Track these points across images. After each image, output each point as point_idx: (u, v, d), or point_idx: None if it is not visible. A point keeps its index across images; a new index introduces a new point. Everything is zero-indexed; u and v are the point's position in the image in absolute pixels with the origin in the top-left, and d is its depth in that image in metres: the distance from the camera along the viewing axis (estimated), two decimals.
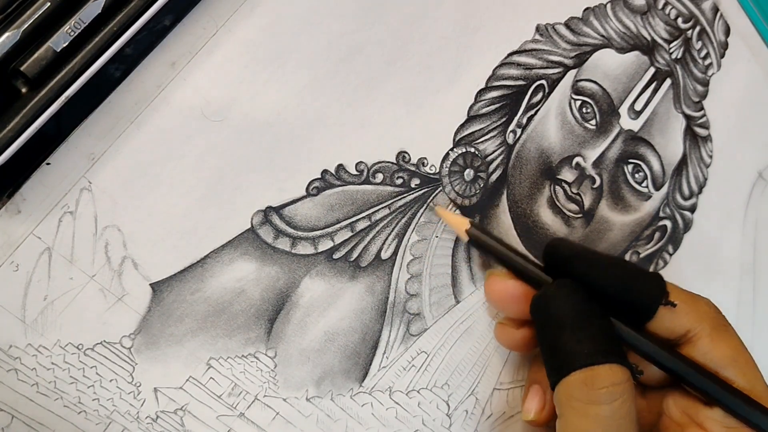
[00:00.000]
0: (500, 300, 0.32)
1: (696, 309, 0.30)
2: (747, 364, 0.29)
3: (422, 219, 0.34)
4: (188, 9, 0.29)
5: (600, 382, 0.27)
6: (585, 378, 0.27)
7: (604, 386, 0.27)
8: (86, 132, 0.28)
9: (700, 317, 0.29)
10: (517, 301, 0.31)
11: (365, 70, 0.33)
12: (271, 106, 0.31)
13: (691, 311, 0.29)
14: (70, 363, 0.28)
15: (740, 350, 0.30)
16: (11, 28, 0.25)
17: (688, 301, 0.30)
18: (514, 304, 0.31)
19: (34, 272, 0.27)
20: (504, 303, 0.32)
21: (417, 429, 0.34)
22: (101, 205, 0.28)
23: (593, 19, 0.39)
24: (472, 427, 0.36)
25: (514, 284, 0.31)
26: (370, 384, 0.33)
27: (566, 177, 0.38)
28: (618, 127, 0.39)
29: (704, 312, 0.30)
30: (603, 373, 0.27)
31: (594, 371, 0.27)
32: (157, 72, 0.29)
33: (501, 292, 0.32)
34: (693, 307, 0.30)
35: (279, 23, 0.31)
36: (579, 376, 0.27)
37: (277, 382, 0.31)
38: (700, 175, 0.43)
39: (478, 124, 0.36)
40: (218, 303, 0.30)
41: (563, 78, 0.38)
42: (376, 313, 0.33)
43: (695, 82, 0.42)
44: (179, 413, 0.30)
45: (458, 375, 0.35)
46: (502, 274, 0.32)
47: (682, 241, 0.42)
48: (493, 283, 0.32)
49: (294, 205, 0.32)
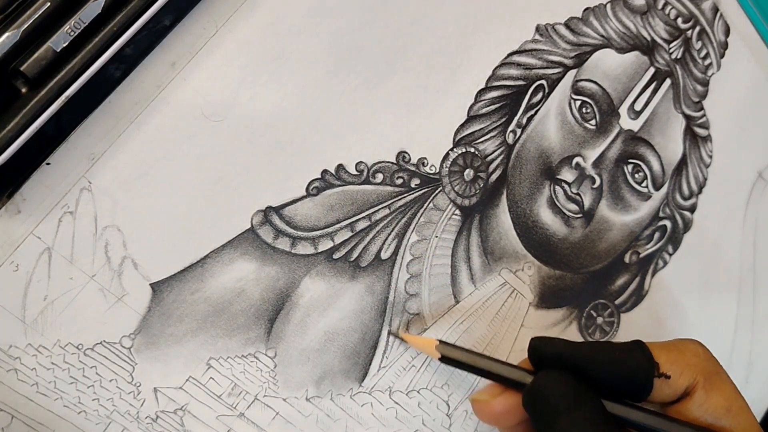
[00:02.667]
0: (492, 420, 0.32)
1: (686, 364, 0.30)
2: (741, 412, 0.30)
3: (422, 219, 0.34)
4: (188, 9, 0.29)
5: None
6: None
7: None
8: (86, 132, 0.28)
9: (693, 371, 0.30)
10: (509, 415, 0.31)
11: (365, 70, 0.33)
12: (271, 106, 0.31)
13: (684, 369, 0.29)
14: (70, 363, 0.28)
15: (733, 398, 0.30)
16: (11, 28, 0.25)
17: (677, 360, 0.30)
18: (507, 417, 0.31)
19: (34, 272, 0.27)
20: (497, 420, 0.32)
21: (417, 429, 0.34)
22: (101, 205, 0.28)
23: (593, 19, 0.39)
24: (472, 427, 0.36)
25: (498, 401, 0.31)
26: (370, 384, 0.33)
27: (566, 177, 0.38)
28: (618, 127, 0.39)
29: (694, 364, 0.30)
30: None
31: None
32: (157, 72, 0.29)
33: (490, 414, 0.31)
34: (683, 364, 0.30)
35: (279, 23, 0.31)
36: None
37: (277, 382, 0.31)
38: (700, 175, 0.43)
39: (478, 124, 0.36)
40: (218, 303, 0.30)
41: (563, 78, 0.38)
42: (375, 313, 0.33)
43: (695, 82, 0.42)
44: (179, 413, 0.30)
45: (458, 375, 0.35)
46: (484, 395, 0.32)
47: (682, 241, 0.42)
48: (480, 409, 0.32)
49: (294, 205, 0.32)
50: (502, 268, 0.37)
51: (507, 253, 0.37)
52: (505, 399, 0.31)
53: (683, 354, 0.30)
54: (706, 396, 0.29)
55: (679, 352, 0.30)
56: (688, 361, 0.30)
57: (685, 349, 0.30)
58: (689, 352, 0.30)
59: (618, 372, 0.29)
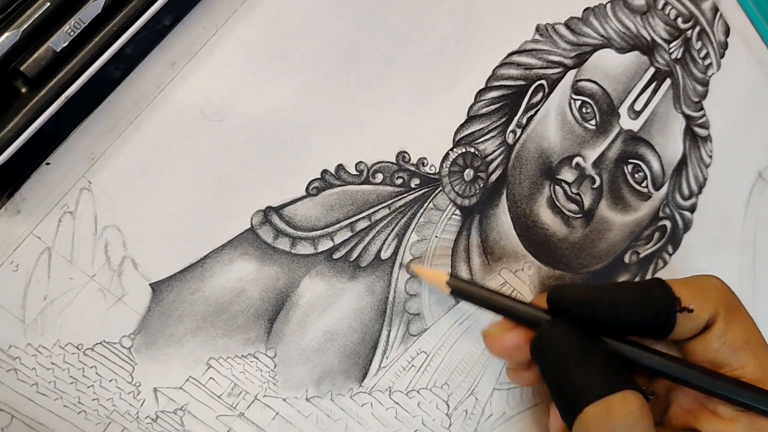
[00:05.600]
0: (504, 354, 0.32)
1: (707, 297, 0.30)
2: (759, 345, 0.30)
3: (422, 219, 0.34)
4: (188, 9, 0.29)
5: (616, 413, 0.26)
6: (600, 411, 0.27)
7: (620, 416, 0.26)
8: (86, 132, 0.28)
9: (714, 303, 0.29)
10: (520, 349, 0.31)
11: (365, 70, 0.33)
12: (271, 106, 0.31)
13: (705, 303, 0.29)
14: (69, 363, 0.28)
15: (752, 331, 0.30)
16: (11, 28, 0.25)
17: (698, 295, 0.30)
18: (519, 352, 0.31)
19: (33, 272, 0.27)
20: (509, 355, 0.32)
21: (417, 429, 0.34)
22: (101, 205, 0.28)
23: (593, 19, 0.39)
24: (472, 427, 0.36)
25: (509, 336, 0.31)
26: (370, 384, 0.33)
27: (566, 177, 0.38)
28: (618, 127, 0.39)
29: (715, 297, 0.30)
30: (617, 403, 0.27)
31: (607, 402, 0.27)
32: (157, 72, 0.29)
33: (502, 347, 0.32)
34: (704, 297, 0.30)
35: (279, 23, 0.31)
36: (594, 411, 0.27)
37: (277, 382, 0.31)
38: (700, 175, 0.43)
39: (478, 124, 0.36)
40: (218, 303, 0.30)
41: (563, 78, 0.38)
42: (375, 313, 0.33)
43: (695, 82, 0.42)
44: (179, 413, 0.30)
45: (458, 375, 0.35)
46: (496, 329, 0.32)
47: (682, 241, 0.42)
48: (492, 342, 0.32)
49: (294, 205, 0.32)
50: (502, 268, 0.37)
51: (507, 253, 0.37)
52: (517, 334, 0.31)
53: (703, 288, 0.30)
54: (726, 327, 0.29)
55: (699, 287, 0.30)
56: (708, 294, 0.30)
57: (704, 284, 0.30)
58: (708, 285, 0.30)
59: (640, 311, 0.29)
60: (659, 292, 0.30)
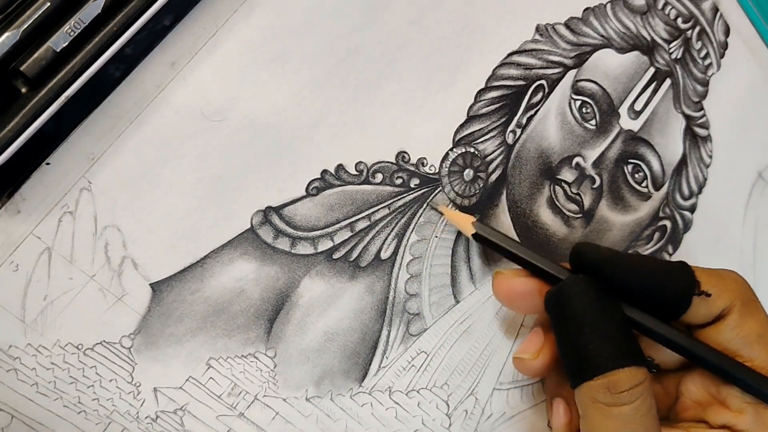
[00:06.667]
0: (509, 298, 0.32)
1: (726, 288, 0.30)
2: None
3: (422, 219, 0.34)
4: (188, 9, 0.29)
5: (622, 386, 0.27)
6: (608, 383, 0.28)
7: (626, 389, 0.27)
8: (86, 132, 0.28)
9: (732, 295, 0.30)
10: (526, 298, 0.32)
11: (365, 70, 0.33)
12: (271, 106, 0.31)
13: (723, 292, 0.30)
14: (69, 363, 0.28)
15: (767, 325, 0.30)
16: (11, 28, 0.25)
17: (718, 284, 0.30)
18: (524, 301, 0.32)
19: (33, 272, 0.27)
20: (513, 300, 0.32)
21: (417, 429, 0.34)
22: (101, 205, 0.28)
23: (593, 19, 0.39)
24: (472, 427, 0.36)
25: (521, 281, 0.32)
26: (370, 384, 0.33)
27: (566, 177, 0.38)
28: (618, 127, 0.39)
29: (733, 289, 0.30)
30: (625, 377, 0.28)
31: (616, 375, 0.28)
32: (157, 72, 0.29)
33: (509, 290, 0.32)
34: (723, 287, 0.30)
35: (279, 23, 0.31)
36: (602, 381, 0.28)
37: (277, 382, 0.31)
38: (700, 175, 0.43)
39: (477, 124, 0.36)
40: (218, 303, 0.30)
41: (563, 78, 0.38)
42: (375, 313, 0.33)
43: (695, 82, 0.42)
44: (179, 413, 0.30)
45: (458, 375, 0.35)
46: (509, 272, 0.32)
47: (682, 241, 0.42)
48: (501, 281, 0.32)
49: (294, 205, 0.32)
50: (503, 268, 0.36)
51: None
52: (529, 283, 0.31)
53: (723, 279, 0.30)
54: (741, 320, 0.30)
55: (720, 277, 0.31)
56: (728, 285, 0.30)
57: (725, 276, 0.31)
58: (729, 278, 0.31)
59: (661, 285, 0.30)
60: (681, 272, 0.30)
